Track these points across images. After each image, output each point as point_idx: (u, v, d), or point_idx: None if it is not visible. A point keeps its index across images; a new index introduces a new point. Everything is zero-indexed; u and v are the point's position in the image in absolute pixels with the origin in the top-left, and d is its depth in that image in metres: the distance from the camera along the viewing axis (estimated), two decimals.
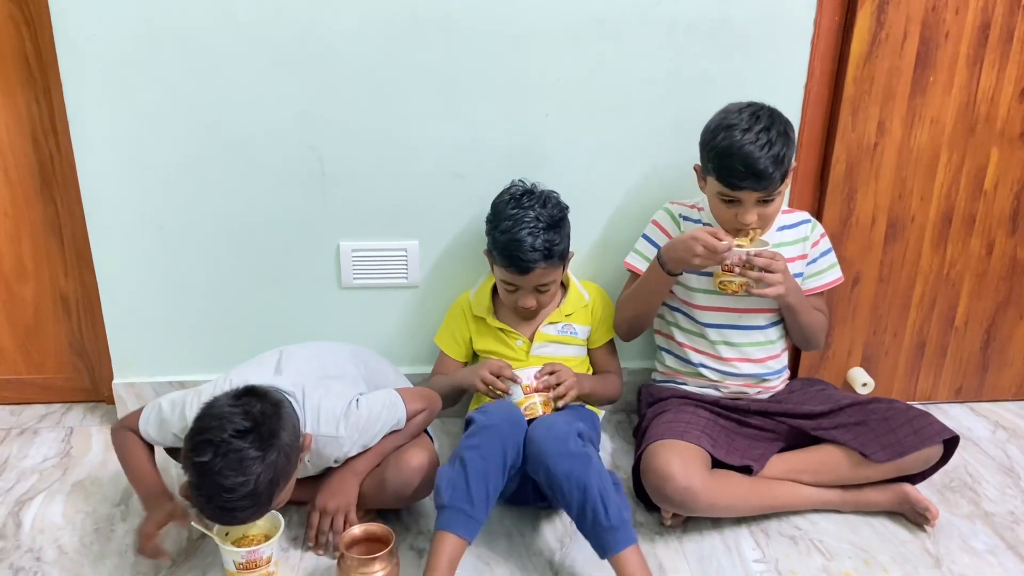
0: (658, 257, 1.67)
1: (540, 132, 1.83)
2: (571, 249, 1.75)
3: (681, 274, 1.67)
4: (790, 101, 1.84)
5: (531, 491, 1.60)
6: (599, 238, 1.92)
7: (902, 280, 2.00)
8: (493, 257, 1.73)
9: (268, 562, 1.45)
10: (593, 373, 1.87)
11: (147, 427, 1.53)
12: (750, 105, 1.62)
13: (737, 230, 1.63)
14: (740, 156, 1.54)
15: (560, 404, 1.68)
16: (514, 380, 1.66)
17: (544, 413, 1.64)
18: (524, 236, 1.64)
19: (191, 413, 1.40)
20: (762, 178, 1.55)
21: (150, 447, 1.57)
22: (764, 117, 1.58)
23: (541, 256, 1.65)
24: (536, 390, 1.66)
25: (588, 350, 1.86)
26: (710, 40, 1.79)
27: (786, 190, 1.66)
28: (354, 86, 1.75)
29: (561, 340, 1.80)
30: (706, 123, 1.65)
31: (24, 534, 1.60)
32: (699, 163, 1.68)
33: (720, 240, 1.55)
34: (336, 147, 1.79)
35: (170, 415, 1.50)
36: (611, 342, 1.88)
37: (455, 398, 1.81)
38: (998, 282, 2.03)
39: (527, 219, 1.65)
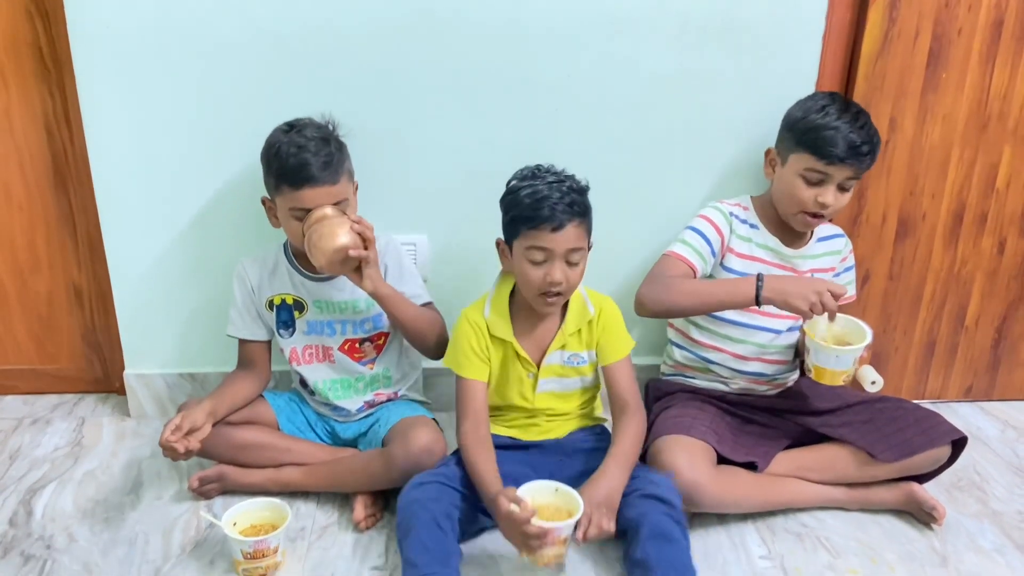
0: (759, 281, 1.55)
1: (550, 130, 1.83)
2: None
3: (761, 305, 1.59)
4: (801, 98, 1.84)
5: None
6: (609, 236, 1.90)
7: (912, 278, 2.00)
8: (516, 230, 1.54)
9: (275, 552, 1.47)
10: (610, 399, 1.64)
11: (236, 327, 1.73)
12: (834, 94, 1.67)
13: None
14: (842, 130, 1.58)
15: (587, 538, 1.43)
16: (542, 535, 1.34)
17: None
18: (551, 192, 1.51)
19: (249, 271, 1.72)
20: (860, 153, 1.58)
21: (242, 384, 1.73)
22: (854, 104, 1.65)
23: (572, 211, 1.50)
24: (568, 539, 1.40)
25: (602, 368, 1.65)
26: (721, 38, 1.78)
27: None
28: (364, 84, 1.76)
29: (566, 373, 1.64)
30: (789, 108, 1.69)
31: (35, 522, 1.62)
32: (772, 147, 1.71)
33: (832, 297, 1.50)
34: (347, 144, 1.79)
35: (238, 292, 1.72)
36: (627, 360, 1.65)
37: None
38: (1009, 281, 2.02)
39: (549, 179, 1.54)
